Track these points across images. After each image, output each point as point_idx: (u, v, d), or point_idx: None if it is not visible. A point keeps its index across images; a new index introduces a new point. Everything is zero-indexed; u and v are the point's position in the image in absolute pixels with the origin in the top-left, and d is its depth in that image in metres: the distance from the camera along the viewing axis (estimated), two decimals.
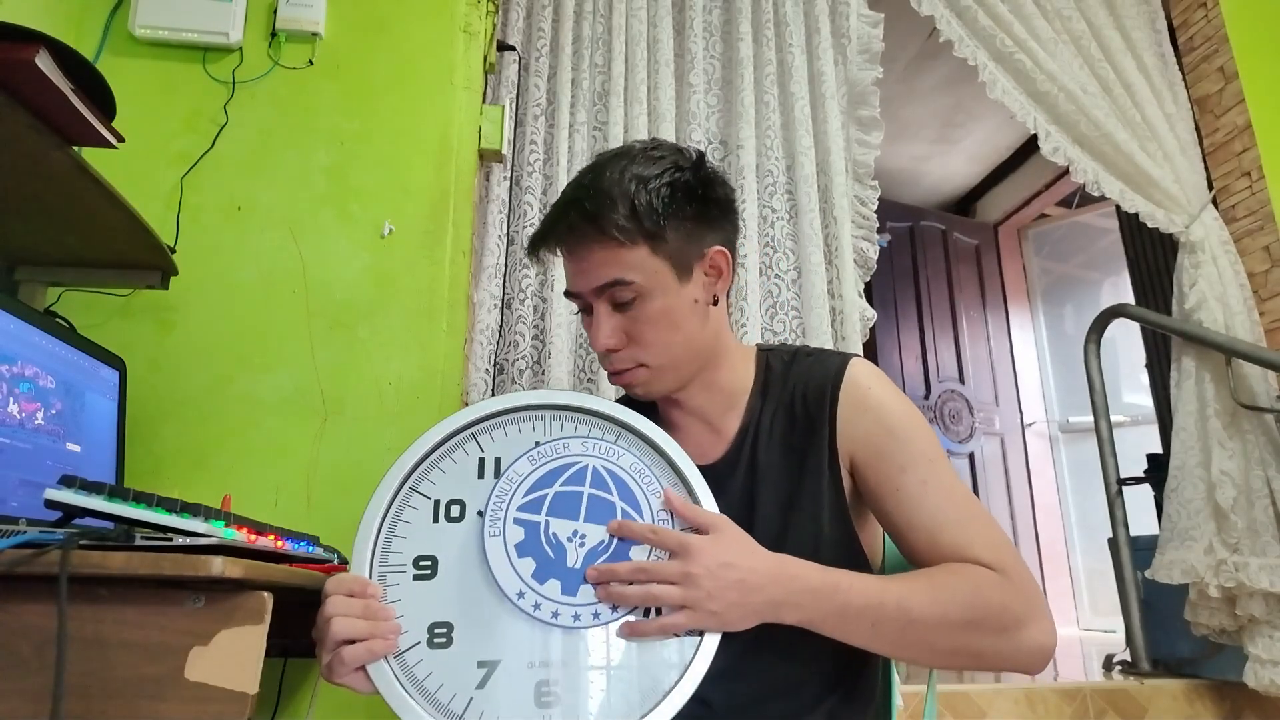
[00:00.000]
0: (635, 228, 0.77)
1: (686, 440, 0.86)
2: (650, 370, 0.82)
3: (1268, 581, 1.70)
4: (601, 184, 0.78)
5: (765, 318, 1.83)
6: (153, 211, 1.44)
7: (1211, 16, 2.22)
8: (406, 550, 0.62)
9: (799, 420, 0.84)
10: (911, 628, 0.69)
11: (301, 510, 1.39)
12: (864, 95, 1.98)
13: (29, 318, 0.99)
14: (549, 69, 1.97)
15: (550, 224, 0.82)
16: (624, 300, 0.79)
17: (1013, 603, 0.71)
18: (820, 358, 0.88)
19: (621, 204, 0.77)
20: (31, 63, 0.82)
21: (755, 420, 0.86)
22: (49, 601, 0.60)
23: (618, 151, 0.84)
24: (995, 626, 0.70)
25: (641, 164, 0.80)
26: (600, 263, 0.79)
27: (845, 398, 0.82)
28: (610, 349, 0.81)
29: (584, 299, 0.82)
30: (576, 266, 0.81)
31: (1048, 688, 1.81)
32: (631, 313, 0.80)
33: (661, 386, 0.84)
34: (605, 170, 0.80)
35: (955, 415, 3.88)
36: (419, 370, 1.49)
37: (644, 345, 0.81)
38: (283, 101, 1.61)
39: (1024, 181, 4.14)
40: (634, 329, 0.80)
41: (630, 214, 0.77)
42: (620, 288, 0.79)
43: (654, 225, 0.77)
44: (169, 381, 1.43)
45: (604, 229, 0.77)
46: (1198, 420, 1.93)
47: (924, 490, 0.77)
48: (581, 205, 0.78)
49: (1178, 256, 2.06)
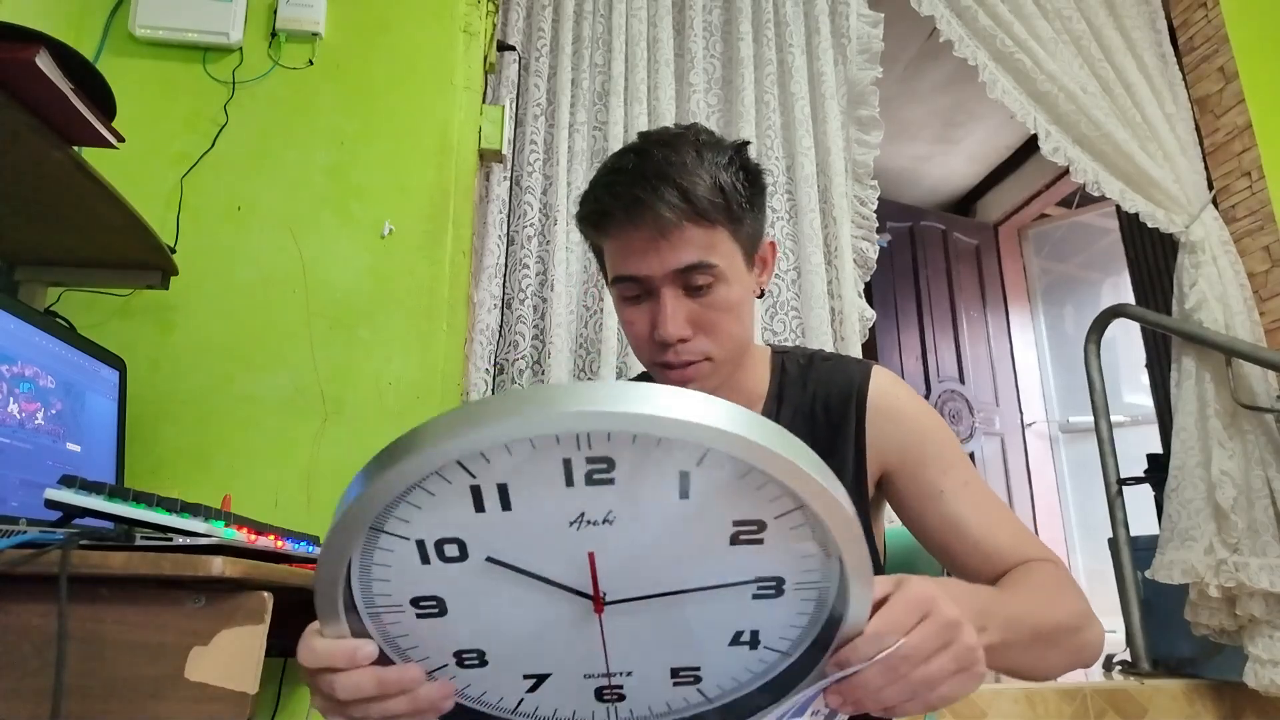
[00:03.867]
0: (723, 208, 0.74)
1: None
2: (714, 364, 0.77)
3: (1268, 581, 1.70)
4: (682, 160, 0.73)
5: (765, 318, 1.83)
6: (153, 211, 1.44)
7: (1211, 16, 2.22)
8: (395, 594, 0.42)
9: (821, 428, 0.81)
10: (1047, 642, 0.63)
11: (301, 510, 1.39)
12: (864, 95, 1.98)
13: (29, 318, 0.99)
14: (549, 69, 1.97)
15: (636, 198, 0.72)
16: (699, 285, 0.74)
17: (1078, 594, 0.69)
18: (839, 364, 0.85)
19: (707, 182, 0.73)
20: (31, 63, 0.82)
21: None
22: (49, 601, 0.60)
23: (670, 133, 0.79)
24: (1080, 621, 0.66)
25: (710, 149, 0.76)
26: (685, 242, 0.73)
27: (875, 408, 0.80)
28: (683, 338, 0.75)
29: (649, 283, 0.75)
30: (651, 246, 0.73)
31: (1048, 688, 1.81)
32: (704, 300, 0.75)
33: (715, 382, 0.79)
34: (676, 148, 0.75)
35: (955, 415, 3.88)
36: (419, 370, 1.49)
37: (714, 335, 0.76)
38: (283, 101, 1.61)
39: (1024, 181, 4.14)
40: (704, 317, 0.75)
41: (719, 193, 0.73)
42: (701, 271, 0.73)
43: (738, 208, 0.75)
44: (169, 381, 1.43)
45: (697, 205, 0.72)
46: (1198, 420, 1.93)
47: (969, 491, 0.77)
48: (673, 180, 0.72)
49: (1178, 256, 2.06)
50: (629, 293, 0.77)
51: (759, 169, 0.80)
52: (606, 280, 0.81)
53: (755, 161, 0.80)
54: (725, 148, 0.77)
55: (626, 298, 0.78)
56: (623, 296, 0.78)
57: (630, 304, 0.78)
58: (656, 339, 0.75)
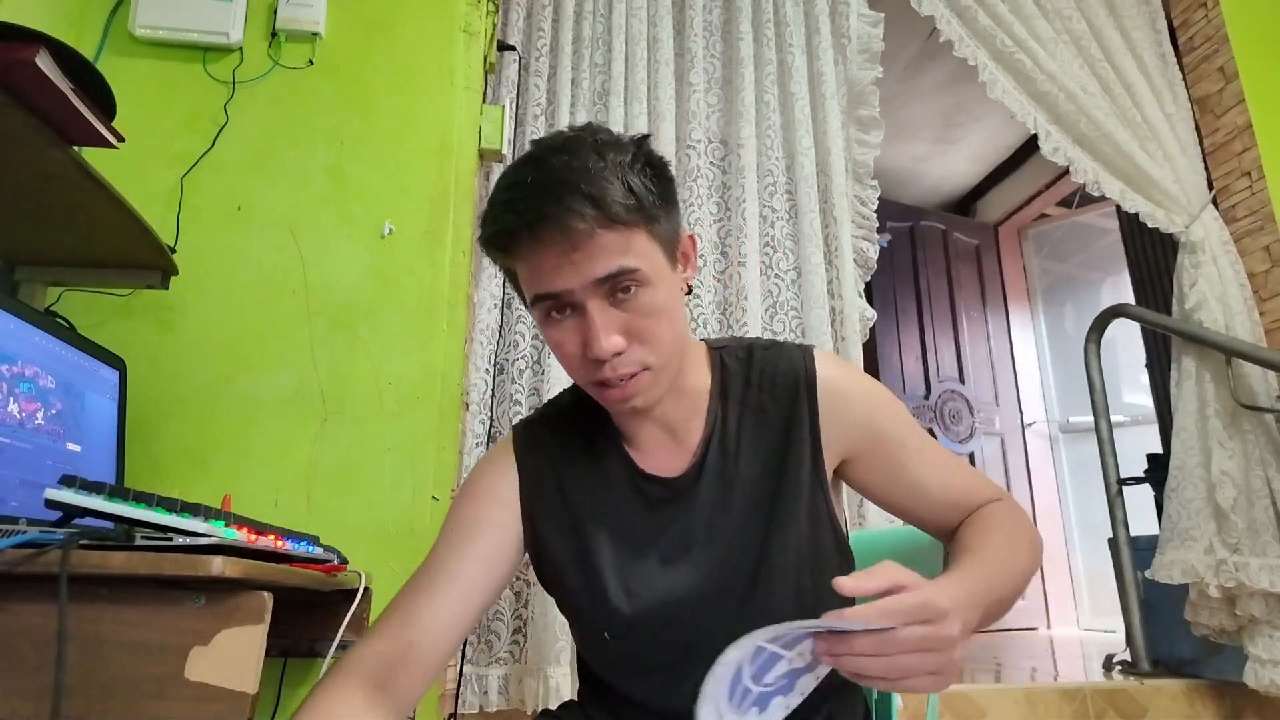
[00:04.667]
0: (635, 208, 0.69)
1: (649, 454, 0.82)
2: (653, 373, 0.73)
3: (1268, 581, 1.70)
4: (586, 165, 0.68)
5: (765, 318, 1.83)
6: (153, 211, 1.44)
7: (1211, 16, 2.22)
8: None
9: (771, 421, 0.80)
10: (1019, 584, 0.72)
11: (301, 510, 1.39)
12: (864, 95, 1.98)
13: (29, 318, 0.99)
14: (549, 69, 1.97)
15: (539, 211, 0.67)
16: (625, 290, 0.69)
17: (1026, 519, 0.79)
18: (778, 351, 0.83)
19: (617, 184, 0.68)
20: (32, 63, 0.82)
21: (719, 426, 0.80)
22: (49, 601, 0.60)
23: (566, 137, 0.73)
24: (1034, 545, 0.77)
25: (610, 149, 0.71)
26: (602, 250, 0.68)
27: (826, 393, 0.79)
28: (617, 350, 0.70)
29: (570, 298, 0.70)
30: (566, 259, 0.68)
31: (1048, 688, 1.82)
32: (632, 306, 0.70)
33: (659, 391, 0.75)
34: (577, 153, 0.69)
35: (955, 415, 3.88)
36: (419, 370, 1.49)
37: (649, 343, 0.71)
38: (283, 101, 1.61)
39: (1024, 181, 4.14)
40: (636, 324, 0.70)
41: (628, 193, 0.68)
42: (624, 277, 0.69)
43: (651, 206, 0.70)
44: (169, 381, 1.44)
45: (609, 211, 0.67)
46: (1198, 420, 1.93)
47: (923, 457, 0.81)
48: (577, 187, 0.66)
49: (1178, 256, 2.06)
50: (548, 310, 0.72)
51: (664, 162, 0.76)
52: (524, 302, 0.75)
53: (659, 155, 0.76)
54: (626, 145, 0.72)
55: (550, 318, 0.72)
56: (545, 317, 0.72)
57: (554, 324, 0.72)
58: (590, 357, 0.70)
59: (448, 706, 1.45)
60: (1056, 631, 3.74)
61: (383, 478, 1.43)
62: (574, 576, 0.81)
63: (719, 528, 0.78)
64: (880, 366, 3.73)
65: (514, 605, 1.65)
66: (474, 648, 1.62)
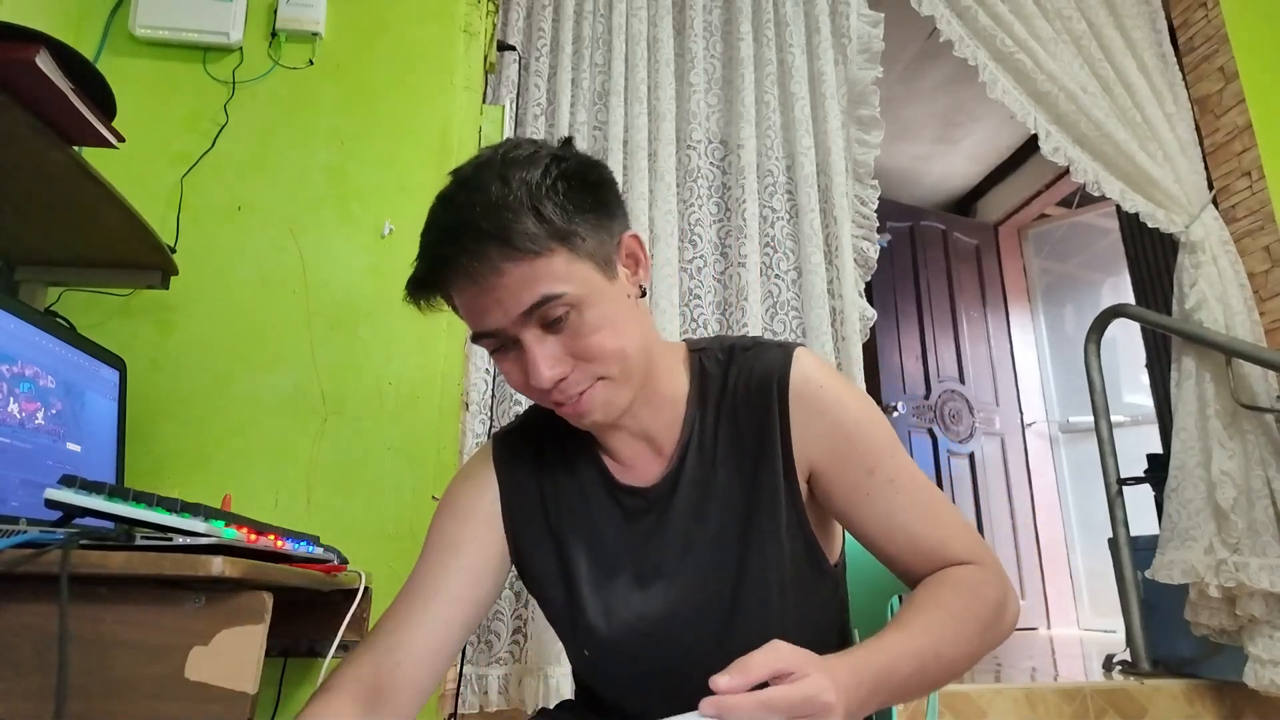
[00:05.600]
0: (547, 233, 0.65)
1: (626, 464, 0.79)
2: (610, 383, 0.70)
3: (1268, 581, 1.70)
4: (489, 198, 0.65)
5: (765, 318, 1.83)
6: (153, 211, 1.44)
7: (1211, 16, 2.22)
8: None
9: (744, 427, 0.76)
10: (950, 667, 0.66)
11: (301, 510, 1.39)
12: (864, 95, 1.98)
13: (29, 318, 0.99)
14: (549, 69, 1.97)
15: (440, 258, 0.67)
16: (555, 318, 0.66)
17: (996, 594, 0.69)
18: (759, 351, 0.78)
19: (522, 212, 0.65)
20: (32, 63, 0.82)
21: (695, 432, 0.77)
22: (49, 601, 0.60)
23: (477, 163, 0.70)
24: (995, 627, 0.69)
25: (517, 167, 0.67)
26: (518, 284, 0.65)
27: (796, 398, 0.74)
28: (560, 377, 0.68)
29: (503, 335, 0.68)
30: (487, 299, 0.66)
31: (1048, 688, 1.82)
32: (569, 331, 0.67)
33: (622, 400, 0.72)
34: (480, 183, 0.67)
35: (955, 415, 3.88)
36: (419, 370, 1.49)
37: (596, 359, 0.69)
38: (283, 101, 1.61)
39: (1024, 181, 4.14)
40: (576, 346, 0.68)
41: (537, 219, 0.65)
42: (550, 304, 0.66)
43: (565, 225, 0.66)
44: (169, 381, 1.43)
45: (514, 244, 0.64)
46: (1198, 420, 1.93)
47: (894, 490, 0.73)
48: (477, 226, 0.64)
49: (1178, 256, 2.06)
50: (492, 347, 0.71)
51: (584, 169, 0.71)
52: None
53: (581, 161, 0.71)
54: (539, 159, 0.68)
55: (493, 351, 0.71)
56: (489, 350, 0.72)
57: (499, 356, 0.71)
58: (532, 385, 0.69)
59: (448, 706, 1.45)
60: (1056, 631, 3.74)
61: (383, 478, 1.43)
62: (555, 590, 0.80)
63: (695, 541, 0.76)
64: (880, 366, 3.73)
65: (514, 605, 1.65)
66: (474, 648, 1.62)
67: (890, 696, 0.61)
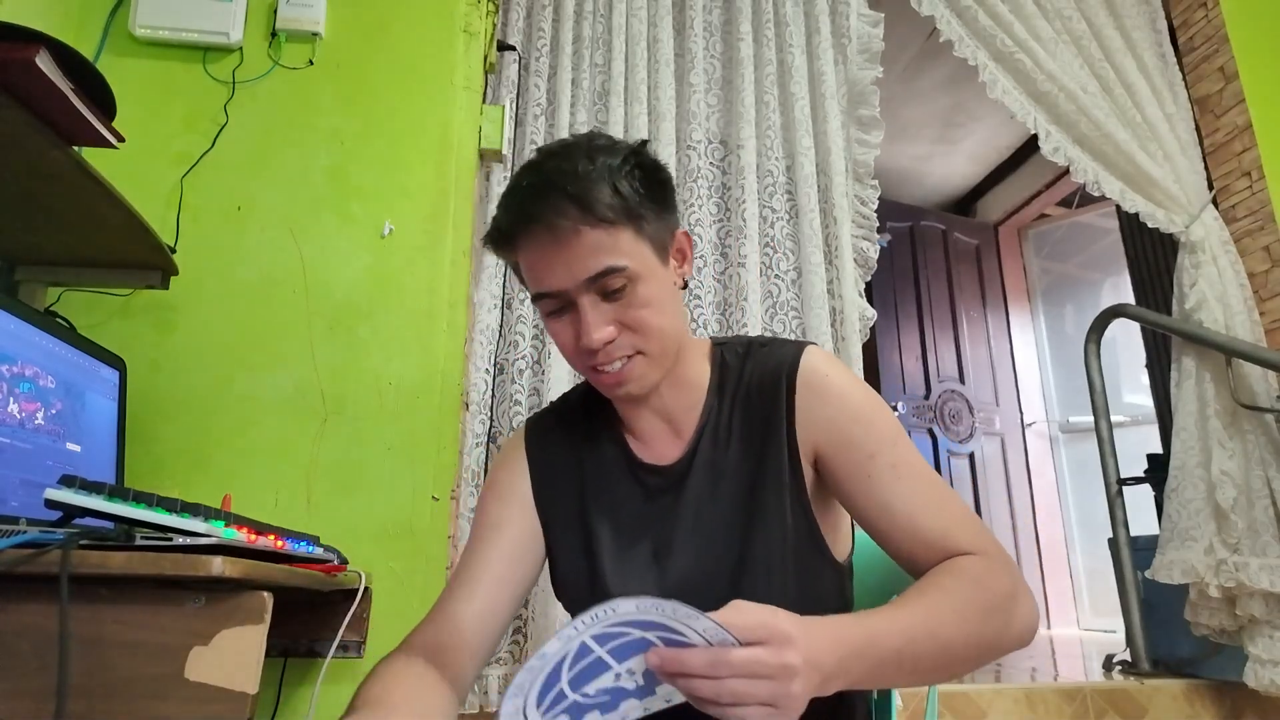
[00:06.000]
0: (620, 208, 0.74)
1: (645, 438, 0.86)
2: (647, 359, 0.78)
3: (1268, 581, 1.70)
4: (577, 169, 0.73)
5: (765, 318, 1.83)
6: (153, 211, 1.44)
7: (1211, 16, 2.22)
8: None
9: (755, 415, 0.81)
10: (944, 652, 0.65)
11: (301, 510, 1.39)
12: (864, 95, 1.98)
13: (29, 318, 0.99)
14: (549, 69, 1.97)
15: (527, 214, 0.74)
16: (615, 288, 0.74)
17: (1006, 584, 0.69)
18: (773, 348, 0.84)
19: (603, 186, 0.73)
20: (32, 63, 0.82)
21: (713, 419, 0.83)
22: (50, 601, 0.60)
23: (564, 143, 0.80)
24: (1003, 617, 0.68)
25: (604, 153, 0.76)
26: (590, 250, 0.73)
27: (803, 387, 0.79)
28: (608, 340, 0.75)
29: (565, 296, 0.75)
30: (558, 259, 0.74)
31: (1048, 688, 1.82)
32: (623, 301, 0.75)
33: (654, 377, 0.80)
34: (570, 157, 0.75)
35: (955, 415, 3.88)
36: (419, 370, 1.49)
37: (640, 331, 0.76)
38: (283, 101, 1.61)
39: (1024, 181, 4.14)
40: (626, 316, 0.76)
41: (615, 195, 0.73)
42: (613, 275, 0.74)
43: (636, 207, 0.75)
44: (169, 381, 1.43)
45: (593, 210, 0.72)
46: (1198, 420, 1.93)
47: (896, 475, 0.75)
48: (564, 190, 0.72)
49: (1178, 256, 2.06)
50: (549, 308, 0.78)
51: (657, 165, 0.80)
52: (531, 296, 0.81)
53: (654, 160, 0.80)
54: (620, 149, 0.77)
55: (549, 312, 0.78)
56: (545, 313, 0.79)
57: (553, 318, 0.78)
58: (582, 347, 0.76)
59: None
60: (1056, 631, 3.74)
61: (383, 478, 1.43)
62: (578, 563, 0.84)
63: (705, 519, 0.80)
64: (880, 366, 3.73)
65: None
66: None
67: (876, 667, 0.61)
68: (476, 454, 1.68)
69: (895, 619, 0.64)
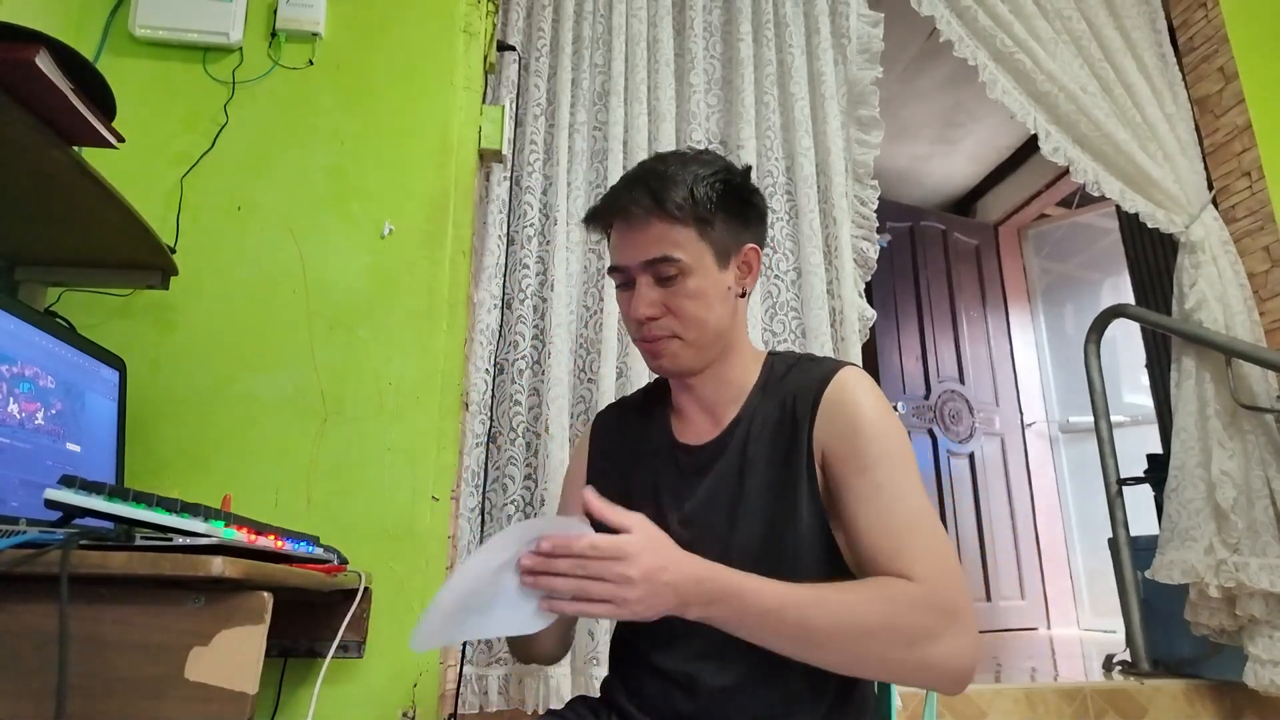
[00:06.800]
0: (689, 209, 0.86)
1: (687, 423, 0.96)
2: (682, 343, 0.88)
3: (1268, 581, 1.70)
4: (665, 170, 0.88)
5: (765, 318, 1.83)
6: (153, 211, 1.44)
7: (1211, 16, 2.22)
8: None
9: (786, 418, 0.88)
10: (810, 638, 0.72)
11: (301, 510, 1.39)
12: (864, 95, 1.98)
13: (29, 318, 0.99)
14: (549, 69, 1.97)
15: (614, 197, 0.90)
16: (667, 275, 0.86)
17: (924, 617, 0.72)
18: (819, 364, 0.91)
19: (680, 188, 0.86)
20: (32, 63, 0.82)
21: (751, 413, 0.91)
22: (49, 601, 0.60)
23: (678, 150, 0.96)
24: (903, 640, 0.71)
25: (698, 164, 0.89)
26: (654, 238, 0.86)
27: (827, 399, 0.85)
28: (650, 318, 0.87)
29: (629, 273, 0.89)
30: (628, 239, 0.88)
31: (1048, 688, 1.82)
32: (673, 288, 0.87)
33: (687, 362, 0.90)
34: (668, 161, 0.90)
35: (955, 415, 3.88)
36: (419, 370, 1.49)
37: (680, 318, 0.87)
38: (283, 101, 1.61)
39: (1024, 181, 4.14)
40: (672, 302, 0.87)
41: (688, 197, 0.86)
42: (667, 263, 0.86)
43: (706, 211, 0.86)
44: (169, 381, 1.43)
45: (663, 205, 0.85)
46: (1198, 420, 1.93)
47: (876, 494, 0.79)
48: (646, 183, 0.86)
49: (1178, 256, 2.06)
50: (618, 280, 0.91)
51: (745, 186, 0.92)
52: None
53: (744, 180, 0.92)
54: (715, 164, 0.90)
55: (618, 285, 0.92)
56: (616, 284, 0.92)
57: (620, 290, 0.92)
58: (631, 317, 0.89)
59: (448, 707, 1.45)
60: (1056, 631, 3.74)
61: (383, 478, 1.43)
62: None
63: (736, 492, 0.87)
64: (880, 366, 3.73)
65: None
66: (474, 648, 1.62)
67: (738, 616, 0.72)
68: (476, 454, 1.68)
69: (777, 588, 0.72)
